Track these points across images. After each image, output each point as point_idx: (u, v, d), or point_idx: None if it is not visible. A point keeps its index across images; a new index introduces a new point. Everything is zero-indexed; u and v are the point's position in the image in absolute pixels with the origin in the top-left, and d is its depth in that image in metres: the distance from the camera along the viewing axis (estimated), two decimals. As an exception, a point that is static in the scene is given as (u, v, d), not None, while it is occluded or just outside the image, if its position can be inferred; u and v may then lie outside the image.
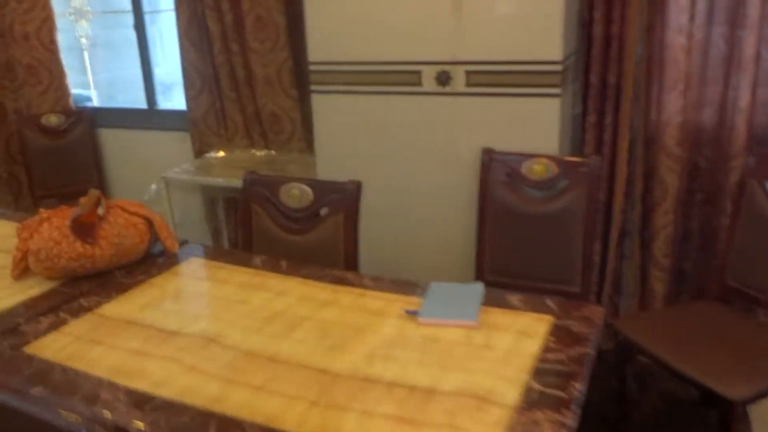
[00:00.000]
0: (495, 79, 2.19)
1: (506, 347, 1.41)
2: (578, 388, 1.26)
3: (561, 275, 2.16)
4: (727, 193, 2.40)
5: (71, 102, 3.79)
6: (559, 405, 1.21)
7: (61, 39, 3.68)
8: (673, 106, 2.38)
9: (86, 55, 4.22)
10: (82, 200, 1.88)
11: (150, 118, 3.67)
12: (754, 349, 1.91)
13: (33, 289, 1.79)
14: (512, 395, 1.24)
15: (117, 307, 1.66)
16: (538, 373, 1.31)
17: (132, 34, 3.57)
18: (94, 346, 1.48)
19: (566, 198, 2.13)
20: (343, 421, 1.19)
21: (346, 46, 2.35)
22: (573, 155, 2.39)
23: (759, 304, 2.08)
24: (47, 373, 1.37)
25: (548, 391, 1.25)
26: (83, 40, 4.09)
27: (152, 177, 3.21)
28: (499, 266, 2.22)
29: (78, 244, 1.79)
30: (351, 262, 1.92)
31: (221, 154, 3.31)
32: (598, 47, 2.37)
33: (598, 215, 2.30)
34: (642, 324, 2.11)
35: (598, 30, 2.36)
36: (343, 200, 1.94)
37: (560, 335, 1.44)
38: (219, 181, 2.97)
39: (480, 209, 2.23)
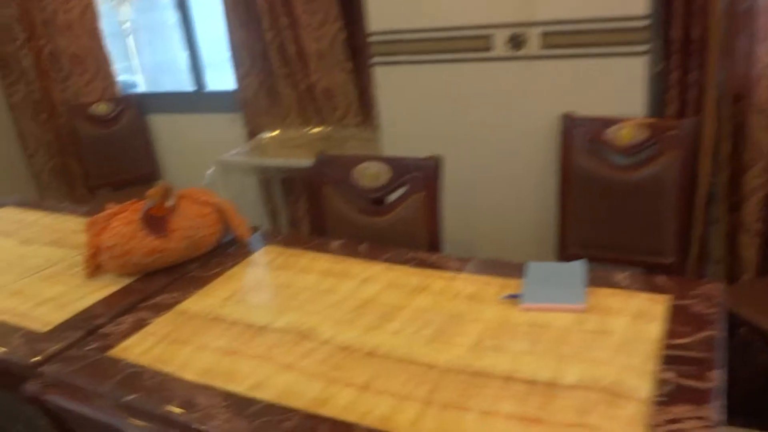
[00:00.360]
0: (574, 39, 2.04)
1: (624, 332, 1.30)
2: (717, 376, 1.14)
3: (652, 246, 2.02)
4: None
5: (118, 89, 3.74)
6: (700, 397, 1.09)
7: (104, 25, 3.62)
8: (765, 59, 2.19)
9: (130, 40, 4.15)
10: (150, 192, 1.82)
11: (198, 100, 3.60)
12: None
13: (108, 287, 1.73)
14: (644, 387, 1.13)
15: (198, 303, 1.60)
16: (668, 361, 1.19)
17: (172, 17, 3.48)
18: (181, 346, 1.41)
19: (657, 164, 1.98)
20: (462, 423, 1.10)
21: (408, 13, 2.22)
22: (662, 117, 2.23)
23: None
24: (138, 379, 1.31)
25: (683, 381, 1.13)
26: (126, 25, 4.02)
27: (205, 160, 3.15)
28: (584, 238, 2.10)
29: (150, 239, 1.73)
30: (435, 243, 1.82)
31: (275, 133, 3.23)
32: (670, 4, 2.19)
33: (693, 181, 2.14)
34: (741, 293, 1.96)
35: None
36: (423, 177, 1.82)
37: (681, 317, 1.32)
38: (276, 161, 2.90)
39: (562, 179, 2.10)
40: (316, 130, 3.13)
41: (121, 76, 3.85)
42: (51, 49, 3.61)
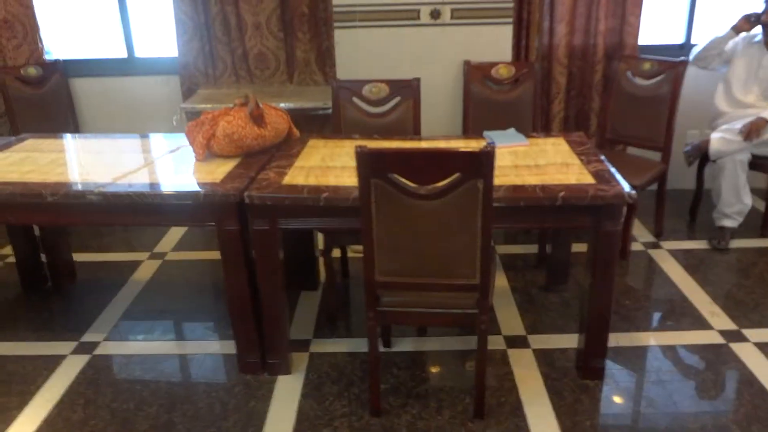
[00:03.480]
0: (471, 13, 3.35)
1: (552, 149, 2.62)
2: (591, 149, 2.52)
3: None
4: (593, 86, 3.86)
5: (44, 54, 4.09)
6: (589, 150, 2.45)
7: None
8: (561, 32, 3.75)
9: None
10: (238, 101, 2.66)
11: (129, 65, 4.18)
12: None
13: (226, 163, 2.51)
14: (575, 161, 2.45)
15: (304, 163, 2.53)
16: (578, 153, 2.54)
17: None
18: (321, 176, 2.37)
19: (520, 88, 3.37)
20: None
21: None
22: (520, 62, 3.65)
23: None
24: (317, 190, 2.25)
25: (584, 157, 2.48)
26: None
27: (143, 115, 3.85)
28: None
29: (255, 128, 2.60)
30: (418, 132, 2.99)
31: (209, 91, 3.99)
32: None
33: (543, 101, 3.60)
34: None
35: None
36: (410, 91, 2.97)
37: (571, 143, 2.69)
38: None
39: (464, 101, 3.39)
40: (247, 88, 3.98)
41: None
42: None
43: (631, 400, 2.35)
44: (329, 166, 2.48)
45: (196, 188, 2.28)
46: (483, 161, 1.83)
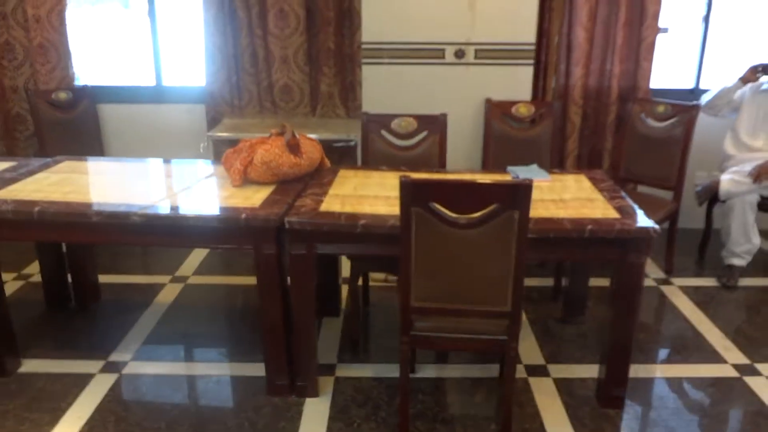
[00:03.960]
0: (494, 54, 3.50)
1: (573, 185, 2.73)
2: (613, 186, 2.63)
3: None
4: (606, 126, 4.00)
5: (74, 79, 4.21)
6: (617, 194, 2.56)
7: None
8: (578, 74, 3.90)
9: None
10: (274, 131, 2.78)
11: (157, 93, 4.31)
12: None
13: (263, 190, 2.60)
14: (599, 197, 2.56)
15: (339, 191, 2.63)
16: (600, 189, 2.65)
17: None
18: (356, 204, 2.47)
19: (540, 126, 3.51)
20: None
21: (390, 31, 3.47)
22: (539, 101, 3.79)
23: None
24: (353, 218, 2.35)
25: (607, 193, 2.59)
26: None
27: (170, 143, 3.97)
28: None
29: (292, 157, 2.71)
30: (443, 165, 3.11)
31: (234, 121, 4.12)
32: (539, 38, 3.81)
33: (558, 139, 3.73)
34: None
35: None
36: (437, 126, 3.10)
37: (592, 179, 2.80)
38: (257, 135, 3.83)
39: (485, 137, 3.53)
40: (271, 119, 4.11)
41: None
42: (7, 38, 4.03)
43: (651, 429, 2.42)
44: (362, 195, 2.58)
45: (237, 212, 2.37)
46: (521, 193, 1.94)
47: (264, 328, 2.50)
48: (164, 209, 2.42)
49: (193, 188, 2.72)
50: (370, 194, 2.59)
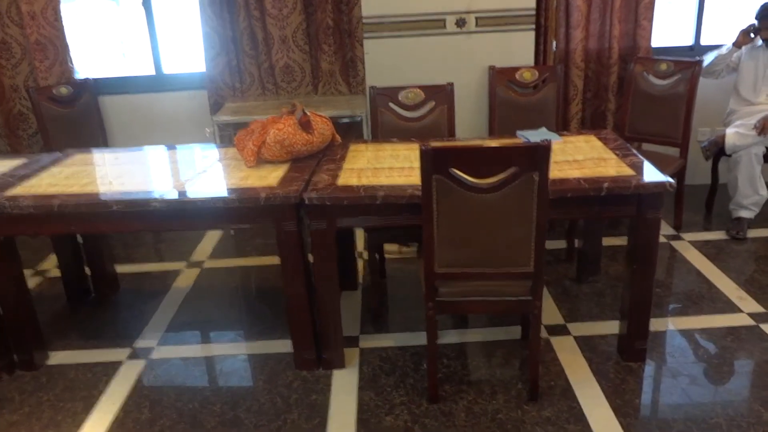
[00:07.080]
0: (495, 21, 3.50)
1: (584, 146, 2.75)
2: (623, 144, 2.66)
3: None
4: (609, 88, 4.01)
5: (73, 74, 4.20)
6: (623, 145, 2.59)
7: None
8: (578, 38, 3.90)
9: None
10: (285, 110, 2.79)
11: (156, 82, 4.30)
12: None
13: (278, 168, 2.64)
14: (610, 154, 2.59)
15: (354, 165, 2.66)
16: (611, 148, 2.68)
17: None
18: (372, 176, 2.50)
19: (544, 90, 3.52)
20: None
21: (390, 3, 3.47)
22: (542, 65, 3.80)
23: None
24: (372, 189, 2.38)
25: (617, 150, 2.62)
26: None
27: (172, 129, 3.96)
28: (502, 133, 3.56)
29: (304, 134, 2.73)
30: (452, 135, 3.12)
31: (237, 104, 4.11)
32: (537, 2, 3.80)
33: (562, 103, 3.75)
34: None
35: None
36: (444, 96, 3.11)
37: (603, 139, 2.83)
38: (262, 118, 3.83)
39: (490, 104, 3.54)
40: (273, 100, 4.11)
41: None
42: (2, 37, 4.00)
43: (675, 379, 2.48)
44: (377, 167, 2.61)
45: (257, 192, 2.39)
46: (540, 154, 1.97)
47: (289, 303, 2.54)
48: (183, 194, 2.44)
49: (208, 171, 2.74)
50: (385, 166, 2.61)
